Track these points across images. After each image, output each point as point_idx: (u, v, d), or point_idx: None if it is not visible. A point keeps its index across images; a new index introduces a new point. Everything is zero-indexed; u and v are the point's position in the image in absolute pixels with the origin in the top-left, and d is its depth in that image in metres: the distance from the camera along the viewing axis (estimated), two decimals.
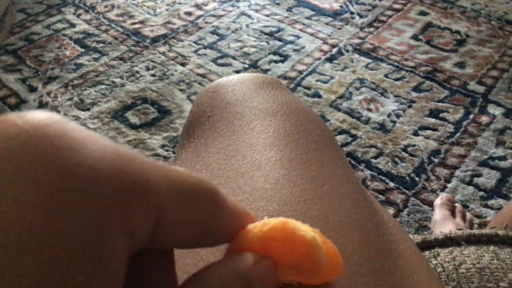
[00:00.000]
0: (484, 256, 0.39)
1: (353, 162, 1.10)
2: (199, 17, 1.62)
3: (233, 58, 1.43)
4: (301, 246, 0.18)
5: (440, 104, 1.24)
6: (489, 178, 1.06)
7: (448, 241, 0.42)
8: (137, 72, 1.39)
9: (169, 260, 0.17)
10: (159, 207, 0.14)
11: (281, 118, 0.33)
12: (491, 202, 1.01)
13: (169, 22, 1.60)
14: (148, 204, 0.13)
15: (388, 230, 0.28)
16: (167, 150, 1.15)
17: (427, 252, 0.41)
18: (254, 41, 1.50)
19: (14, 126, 0.12)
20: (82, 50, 1.48)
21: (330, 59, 1.41)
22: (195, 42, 1.50)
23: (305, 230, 0.18)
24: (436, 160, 1.10)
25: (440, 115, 1.21)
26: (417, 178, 1.06)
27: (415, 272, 0.26)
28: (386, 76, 1.34)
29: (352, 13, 1.62)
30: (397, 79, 1.33)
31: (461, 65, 1.37)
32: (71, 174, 0.12)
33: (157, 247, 0.15)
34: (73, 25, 1.59)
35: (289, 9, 1.64)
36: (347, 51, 1.45)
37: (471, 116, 1.21)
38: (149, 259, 0.16)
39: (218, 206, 0.16)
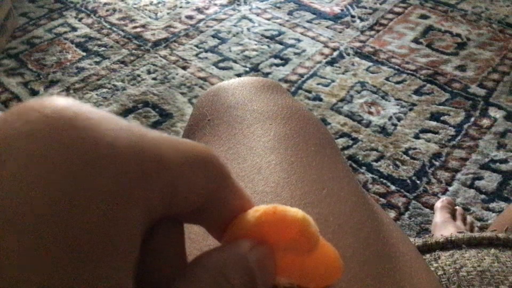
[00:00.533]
0: (485, 259, 0.39)
1: (354, 165, 1.10)
2: (200, 20, 1.63)
3: (234, 61, 1.44)
4: (293, 226, 0.18)
5: (441, 107, 1.25)
6: (490, 181, 1.06)
7: (449, 244, 0.42)
8: (139, 75, 1.39)
9: (180, 236, 0.17)
10: (173, 179, 0.14)
11: (281, 121, 0.33)
12: (492, 205, 1.01)
13: (170, 26, 1.60)
14: (163, 177, 0.14)
15: (388, 233, 0.28)
16: None
17: (428, 255, 0.41)
18: (255, 44, 1.50)
19: (34, 111, 0.13)
20: (84, 53, 1.48)
21: (331, 63, 1.42)
22: (196, 46, 1.50)
23: (296, 210, 0.18)
24: (437, 163, 1.10)
25: (441, 118, 1.21)
26: (418, 181, 1.06)
27: (415, 275, 0.26)
28: (387, 79, 1.34)
29: (353, 16, 1.62)
30: (398, 82, 1.33)
31: (462, 68, 1.37)
32: (91, 151, 0.12)
33: (167, 215, 0.16)
34: (74, 29, 1.59)
35: (290, 13, 1.65)
36: (348, 54, 1.45)
37: (472, 119, 1.21)
38: (161, 233, 0.16)
39: (222, 174, 0.17)
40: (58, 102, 0.13)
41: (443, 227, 0.89)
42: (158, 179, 0.14)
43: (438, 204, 0.96)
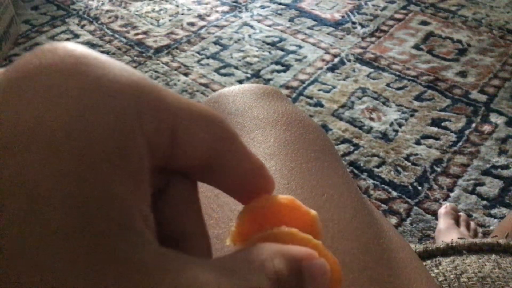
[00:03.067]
0: (485, 265, 0.38)
1: (355, 171, 1.10)
2: (202, 27, 1.63)
3: (236, 68, 1.44)
4: (306, 217, 0.20)
5: (442, 113, 1.25)
6: (492, 187, 1.06)
7: (449, 250, 0.42)
8: None
9: (193, 191, 0.18)
10: (174, 123, 0.15)
11: (281, 128, 0.33)
12: (494, 211, 1.01)
13: (172, 33, 1.61)
14: (160, 118, 0.15)
15: (388, 239, 0.28)
16: None
17: (429, 261, 0.41)
18: (257, 51, 1.51)
19: (49, 51, 0.14)
20: None
21: (332, 69, 1.42)
22: (198, 52, 1.51)
23: (308, 208, 0.20)
24: (438, 169, 1.10)
25: (442, 124, 1.21)
26: (419, 187, 1.06)
27: (414, 281, 0.26)
28: (388, 85, 1.35)
29: (353, 23, 1.63)
30: (399, 88, 1.33)
31: (462, 74, 1.38)
32: (95, 83, 0.14)
33: (177, 167, 0.17)
34: (77, 36, 1.60)
35: (291, 20, 1.66)
36: (349, 60, 1.45)
37: (473, 125, 1.21)
38: (174, 187, 0.17)
39: (229, 136, 0.17)
40: (68, 44, 0.15)
41: (447, 233, 0.89)
42: (155, 116, 0.15)
43: (442, 210, 0.96)
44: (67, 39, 1.58)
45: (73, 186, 0.12)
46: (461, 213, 0.97)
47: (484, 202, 1.03)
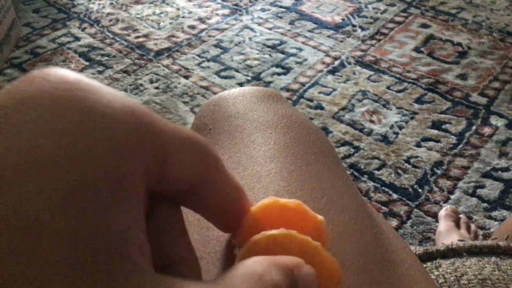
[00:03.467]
0: (485, 267, 0.39)
1: (356, 173, 1.10)
2: (202, 30, 1.64)
3: (236, 70, 1.44)
4: (311, 222, 0.20)
5: (443, 115, 1.25)
6: (492, 189, 1.06)
7: (449, 252, 0.42)
8: (141, 85, 1.40)
9: (179, 215, 0.18)
10: (165, 148, 0.15)
11: (281, 130, 0.33)
12: (494, 213, 1.01)
13: (173, 36, 1.61)
14: (155, 143, 0.15)
15: (388, 241, 0.28)
16: None
17: (429, 263, 0.41)
18: (257, 53, 1.51)
19: (41, 78, 0.14)
20: (87, 63, 1.49)
21: (333, 71, 1.42)
22: (199, 55, 1.51)
23: (315, 213, 0.20)
24: (439, 172, 1.10)
25: (443, 126, 1.22)
26: (420, 190, 1.06)
27: (414, 283, 0.26)
28: (388, 88, 1.35)
29: (354, 26, 1.63)
30: (399, 91, 1.33)
31: (463, 77, 1.38)
32: (90, 109, 0.14)
33: (163, 192, 0.17)
34: (78, 39, 1.61)
35: (291, 22, 1.66)
36: (349, 63, 1.45)
37: (474, 127, 1.21)
38: (160, 211, 0.17)
39: (214, 161, 0.17)
40: (60, 71, 0.15)
41: (447, 235, 0.89)
42: (149, 140, 0.15)
43: (442, 213, 0.96)
44: (68, 42, 1.58)
45: (72, 217, 0.12)
46: (461, 215, 0.97)
47: (485, 204, 1.03)
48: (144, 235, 0.14)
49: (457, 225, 0.93)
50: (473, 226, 0.94)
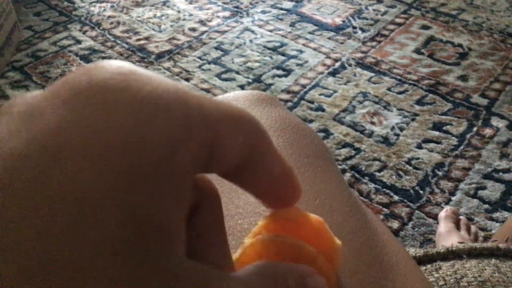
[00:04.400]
0: (485, 269, 0.39)
1: (357, 175, 1.10)
2: (203, 33, 1.64)
3: (237, 73, 1.45)
4: (328, 243, 0.20)
5: (444, 117, 1.25)
6: (493, 190, 1.06)
7: (449, 255, 0.42)
8: None
9: (220, 215, 0.18)
10: (214, 133, 0.16)
11: (275, 134, 0.33)
12: (495, 215, 1.01)
13: (173, 38, 1.62)
14: (205, 128, 0.15)
15: (382, 243, 0.28)
16: None
17: (429, 266, 0.41)
18: (258, 56, 1.51)
19: (96, 69, 0.15)
20: None
21: (333, 73, 1.42)
22: (200, 58, 1.52)
23: (335, 237, 0.21)
24: (440, 173, 1.10)
25: (444, 128, 1.22)
26: (421, 191, 1.06)
27: (408, 285, 0.26)
28: (389, 89, 1.35)
29: (354, 27, 1.63)
30: (400, 93, 1.34)
31: (463, 78, 1.38)
32: (147, 98, 0.14)
33: (208, 171, 0.17)
34: (79, 42, 1.61)
35: (292, 24, 1.66)
36: (350, 65, 1.46)
37: (475, 129, 1.21)
38: (201, 213, 0.17)
39: (262, 134, 0.17)
40: (115, 62, 0.15)
41: (447, 237, 0.89)
42: (200, 127, 0.15)
43: (442, 214, 0.96)
44: (69, 45, 1.59)
45: (123, 198, 0.13)
46: (461, 217, 0.97)
47: (486, 206, 1.03)
48: (183, 225, 0.15)
49: (457, 227, 0.93)
50: (473, 228, 0.94)
